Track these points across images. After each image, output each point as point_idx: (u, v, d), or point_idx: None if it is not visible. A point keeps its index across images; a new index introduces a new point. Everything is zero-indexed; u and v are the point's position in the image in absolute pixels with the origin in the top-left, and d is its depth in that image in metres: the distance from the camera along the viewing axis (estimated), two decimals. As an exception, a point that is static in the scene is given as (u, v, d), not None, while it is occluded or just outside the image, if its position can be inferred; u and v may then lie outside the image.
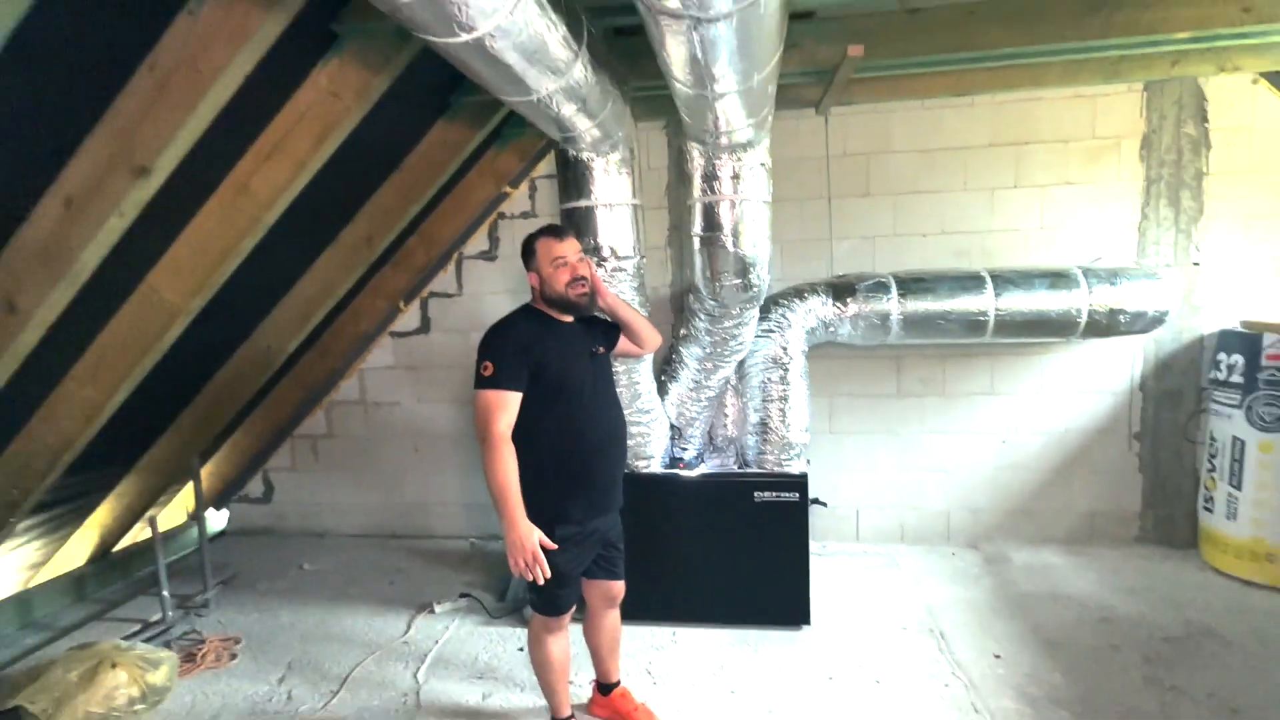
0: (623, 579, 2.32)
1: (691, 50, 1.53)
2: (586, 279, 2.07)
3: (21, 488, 2.69)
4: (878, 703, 2.50)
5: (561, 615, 2.16)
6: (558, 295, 2.05)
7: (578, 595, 2.19)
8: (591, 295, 2.11)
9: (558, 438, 2.02)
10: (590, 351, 2.14)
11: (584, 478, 2.07)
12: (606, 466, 2.13)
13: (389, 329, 4.21)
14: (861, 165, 3.66)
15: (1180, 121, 3.44)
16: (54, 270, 1.98)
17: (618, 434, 2.21)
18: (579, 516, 2.05)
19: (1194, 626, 2.93)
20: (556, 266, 2.04)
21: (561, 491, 2.03)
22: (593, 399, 2.08)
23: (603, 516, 2.15)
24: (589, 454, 2.07)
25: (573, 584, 2.13)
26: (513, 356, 1.94)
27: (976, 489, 3.81)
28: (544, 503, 1.99)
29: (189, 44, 1.81)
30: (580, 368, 2.07)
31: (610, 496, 2.18)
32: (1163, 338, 3.56)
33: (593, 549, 2.16)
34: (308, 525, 4.46)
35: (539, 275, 2.07)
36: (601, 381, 2.16)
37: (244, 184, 2.42)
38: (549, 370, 1.98)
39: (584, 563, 2.15)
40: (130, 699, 2.51)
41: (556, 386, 2.00)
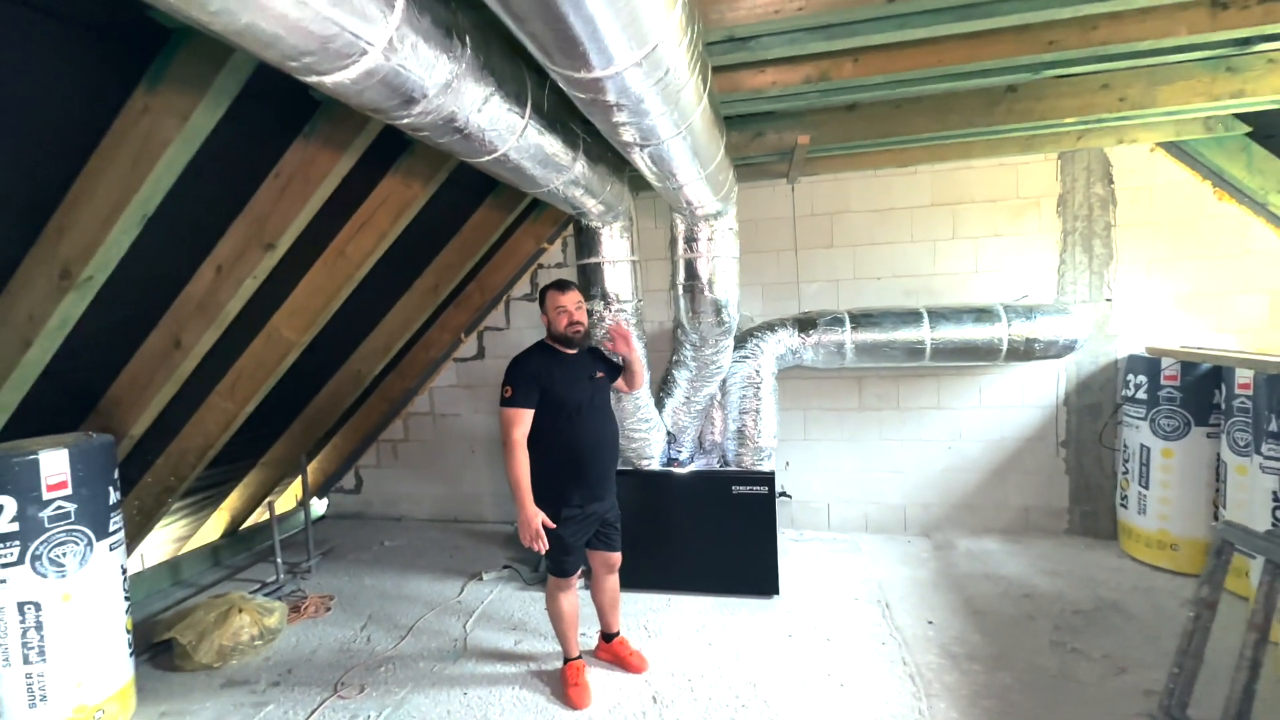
0: (619, 551, 2.57)
1: (649, 161, 1.83)
2: (581, 323, 2.35)
3: (178, 476, 3.09)
4: (825, 655, 2.68)
5: (568, 577, 2.43)
6: (558, 333, 2.35)
7: (581, 562, 2.46)
8: (586, 333, 2.39)
9: (561, 442, 2.32)
10: (589, 376, 2.41)
11: (581, 472, 2.34)
12: (600, 464, 2.39)
13: (453, 356, 4.56)
14: (826, 222, 3.90)
15: (1090, 183, 3.59)
16: (207, 317, 2.37)
17: (610, 440, 2.46)
18: (578, 501, 2.34)
19: (1103, 602, 3.02)
20: (558, 313, 2.34)
21: (565, 482, 2.33)
22: (589, 413, 2.36)
23: (598, 502, 2.41)
24: (586, 455, 2.34)
25: (576, 553, 2.41)
26: (525, 382, 2.26)
27: (927, 487, 3.94)
28: (552, 490, 2.29)
29: (302, 159, 2.20)
30: (580, 389, 2.35)
31: (603, 486, 2.43)
32: (1082, 360, 3.68)
33: (591, 526, 2.43)
34: (388, 511, 4.80)
35: (547, 317, 2.38)
36: (599, 400, 2.43)
37: (342, 249, 2.81)
38: (553, 392, 2.28)
39: (585, 537, 2.43)
40: (252, 636, 2.86)
41: (559, 404, 2.29)
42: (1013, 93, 2.84)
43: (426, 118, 1.37)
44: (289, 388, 3.57)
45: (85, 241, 1.74)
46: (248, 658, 2.83)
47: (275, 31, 0.95)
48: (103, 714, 2.32)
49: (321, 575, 3.76)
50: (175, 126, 1.64)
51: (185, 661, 2.73)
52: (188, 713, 2.48)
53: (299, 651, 2.90)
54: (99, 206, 1.72)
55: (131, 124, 1.67)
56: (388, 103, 1.26)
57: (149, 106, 1.66)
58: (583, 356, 2.45)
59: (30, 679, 2.16)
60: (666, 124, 1.51)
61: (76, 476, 2.25)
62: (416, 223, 2.94)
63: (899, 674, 2.52)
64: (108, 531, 2.36)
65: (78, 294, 1.80)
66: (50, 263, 1.78)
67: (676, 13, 1.15)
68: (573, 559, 2.40)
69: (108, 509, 2.37)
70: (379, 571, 3.78)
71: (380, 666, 2.74)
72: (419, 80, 1.23)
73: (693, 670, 2.61)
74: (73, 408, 2.50)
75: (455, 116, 1.42)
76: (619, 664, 2.63)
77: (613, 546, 2.54)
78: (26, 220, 1.77)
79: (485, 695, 2.51)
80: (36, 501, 2.15)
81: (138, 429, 2.56)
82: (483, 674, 2.66)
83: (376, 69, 1.13)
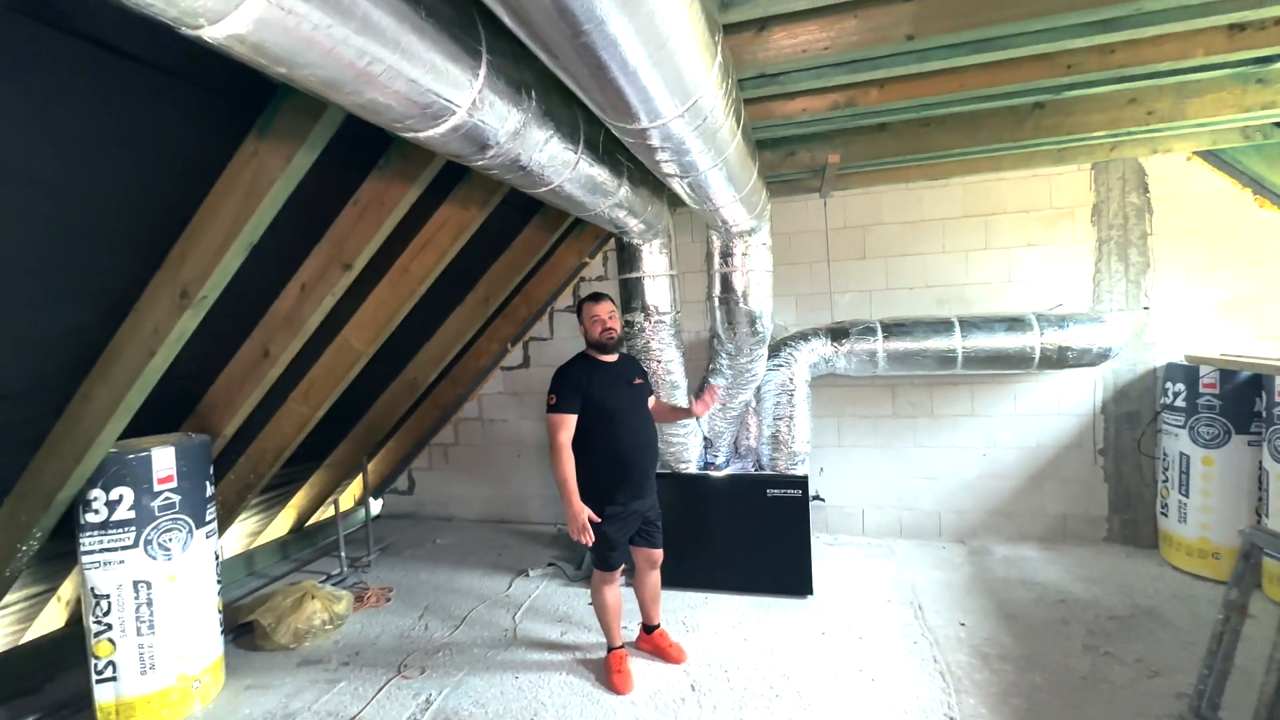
0: (660, 548, 2.74)
1: (688, 189, 2.02)
2: (614, 329, 2.56)
3: (257, 474, 3.40)
4: (857, 652, 2.80)
5: (613, 571, 2.62)
6: (594, 340, 2.57)
7: (625, 557, 2.64)
8: (619, 339, 2.59)
9: (604, 445, 2.52)
10: (628, 383, 2.61)
11: (623, 473, 2.53)
12: (640, 464, 2.57)
13: (500, 364, 4.82)
14: (859, 234, 4.02)
15: (1125, 193, 3.62)
16: (292, 329, 2.66)
17: (648, 442, 2.63)
18: (621, 500, 2.53)
19: (1139, 609, 3.05)
20: (593, 322, 2.57)
21: (608, 482, 2.53)
22: (629, 418, 2.55)
23: (639, 500, 2.59)
24: (626, 456, 2.53)
25: (620, 548, 2.60)
26: (568, 390, 2.49)
27: (962, 493, 3.99)
28: (597, 490, 2.51)
29: (377, 189, 2.47)
30: (618, 395, 2.55)
31: (644, 486, 2.60)
32: (1120, 368, 3.70)
33: (634, 523, 2.62)
34: (439, 511, 5.08)
35: (584, 326, 2.61)
36: (639, 406, 2.63)
37: (406, 267, 3.08)
38: (595, 398, 2.49)
39: (627, 533, 2.61)
40: (323, 621, 3.14)
41: (601, 410, 2.50)
42: (1040, 109, 2.93)
43: (496, 160, 1.59)
44: (352, 394, 3.87)
45: (203, 266, 2.03)
46: (319, 640, 3.10)
47: (388, 103, 1.18)
48: (199, 683, 2.61)
49: (380, 569, 4.05)
50: (280, 167, 1.92)
51: (265, 642, 3.02)
52: (270, 686, 2.76)
53: (364, 636, 3.16)
54: (214, 235, 2.00)
55: (243, 165, 1.96)
56: (466, 150, 1.49)
57: (258, 150, 1.94)
58: (622, 364, 2.65)
59: (142, 649, 2.46)
60: (705, 158, 1.70)
61: (180, 471, 2.56)
62: (469, 242, 3.19)
63: (929, 671, 2.62)
64: (204, 521, 2.67)
65: (194, 311, 2.09)
66: (173, 284, 2.07)
67: (715, 70, 1.34)
68: (617, 554, 2.59)
69: (204, 500, 2.68)
70: (433, 567, 4.05)
71: (438, 652, 2.97)
72: (494, 130, 1.45)
73: (729, 662, 2.76)
74: (175, 410, 2.82)
75: (520, 158, 1.65)
76: (659, 654, 2.81)
77: (654, 543, 2.72)
78: (154, 247, 2.08)
79: (535, 679, 2.71)
80: (149, 493, 2.47)
81: (230, 429, 2.86)
82: (532, 661, 2.86)
83: (461, 124, 1.36)
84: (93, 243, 1.96)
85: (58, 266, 1.93)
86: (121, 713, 2.44)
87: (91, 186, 1.84)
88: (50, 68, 1.57)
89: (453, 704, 2.56)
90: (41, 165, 1.71)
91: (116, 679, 2.44)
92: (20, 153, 1.65)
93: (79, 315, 2.10)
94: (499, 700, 2.58)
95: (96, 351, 2.20)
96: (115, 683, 2.44)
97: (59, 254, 1.91)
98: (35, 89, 1.57)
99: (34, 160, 1.68)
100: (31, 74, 1.55)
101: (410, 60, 1.12)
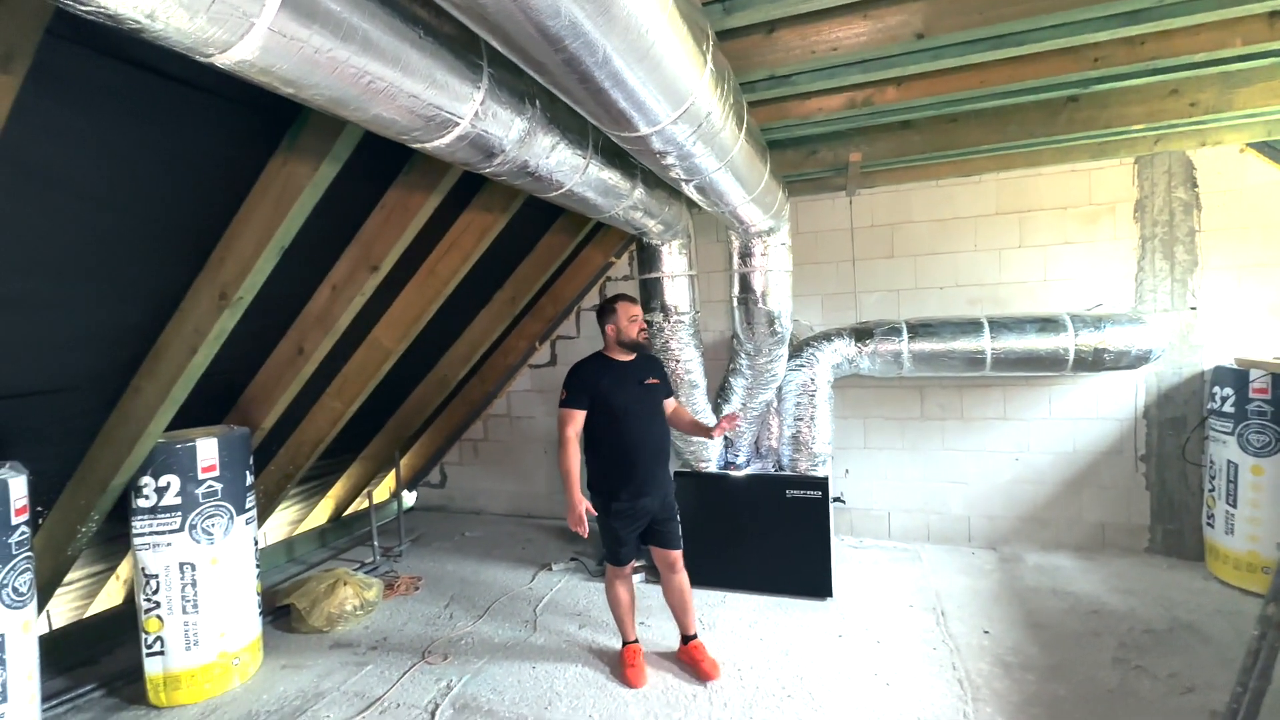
0: (677, 549, 2.66)
1: (698, 192, 2.05)
2: (647, 329, 2.59)
3: (295, 465, 3.59)
4: (874, 656, 2.78)
5: (621, 566, 2.65)
6: (628, 340, 2.59)
7: (635, 553, 2.66)
8: (651, 339, 2.62)
9: (610, 441, 2.56)
10: (639, 381, 2.61)
11: (628, 470, 2.56)
12: (645, 462, 2.55)
13: (528, 362, 4.93)
14: (886, 233, 3.95)
15: (1171, 188, 3.46)
16: (324, 328, 2.80)
17: (655, 441, 2.60)
18: (626, 497, 2.56)
19: (1178, 623, 2.92)
20: (631, 321, 2.59)
21: (614, 478, 2.57)
22: (636, 416, 2.56)
23: (645, 499, 2.56)
24: (631, 453, 2.55)
25: (627, 544, 2.61)
26: (578, 387, 2.55)
27: (993, 499, 3.89)
28: (604, 485, 2.57)
29: (401, 195, 2.58)
30: (626, 393, 2.56)
31: (650, 484, 2.56)
32: (1164, 372, 3.54)
33: (641, 520, 2.61)
34: (469, 505, 5.23)
35: (616, 326, 2.61)
36: (648, 403, 2.61)
37: (433, 269, 3.20)
38: (604, 396, 2.54)
39: (635, 529, 2.61)
40: (354, 606, 3.29)
41: (609, 407, 2.54)
42: (1074, 102, 2.84)
43: (505, 166, 1.66)
44: (385, 390, 4.03)
45: (239, 268, 2.17)
46: (350, 625, 3.25)
47: (393, 117, 1.25)
48: (239, 661, 2.78)
49: (411, 559, 4.20)
50: (307, 176, 2.03)
51: (300, 624, 3.19)
52: (304, 666, 2.91)
53: (392, 623, 3.30)
54: (249, 241, 2.14)
55: (275, 175, 2.08)
56: (474, 158, 1.56)
57: (287, 162, 2.06)
58: (638, 363, 2.66)
59: (187, 627, 2.64)
60: (709, 161, 1.72)
61: (223, 461, 2.72)
62: (495, 243, 3.29)
63: (947, 678, 2.58)
64: (244, 508, 2.83)
65: (231, 311, 2.24)
66: (212, 285, 2.22)
67: (706, 75, 1.37)
68: (625, 550, 2.62)
69: (244, 489, 2.84)
70: (460, 558, 4.18)
71: (461, 640, 3.08)
72: (499, 138, 1.51)
73: (743, 661, 2.78)
74: (217, 404, 3.01)
75: (528, 164, 1.71)
76: (692, 667, 2.69)
77: (668, 544, 2.67)
78: (195, 252, 2.23)
79: (551, 670, 2.78)
80: (193, 480, 2.64)
81: (268, 422, 3.03)
82: (550, 652, 2.94)
83: (466, 134, 1.42)
84: (141, 248, 2.12)
85: (110, 270, 2.09)
86: (169, 684, 2.62)
87: (139, 197, 1.99)
88: (101, 90, 1.71)
89: (472, 690, 2.66)
90: (95, 179, 1.86)
91: (164, 653, 2.62)
92: (77, 168, 1.80)
93: (130, 315, 2.27)
94: (516, 688, 2.66)
95: (146, 348, 2.37)
96: (163, 656, 2.62)
97: (111, 259, 2.07)
98: (89, 109, 1.71)
99: (88, 175, 1.84)
100: (85, 96, 1.69)
101: (411, 76, 1.19)
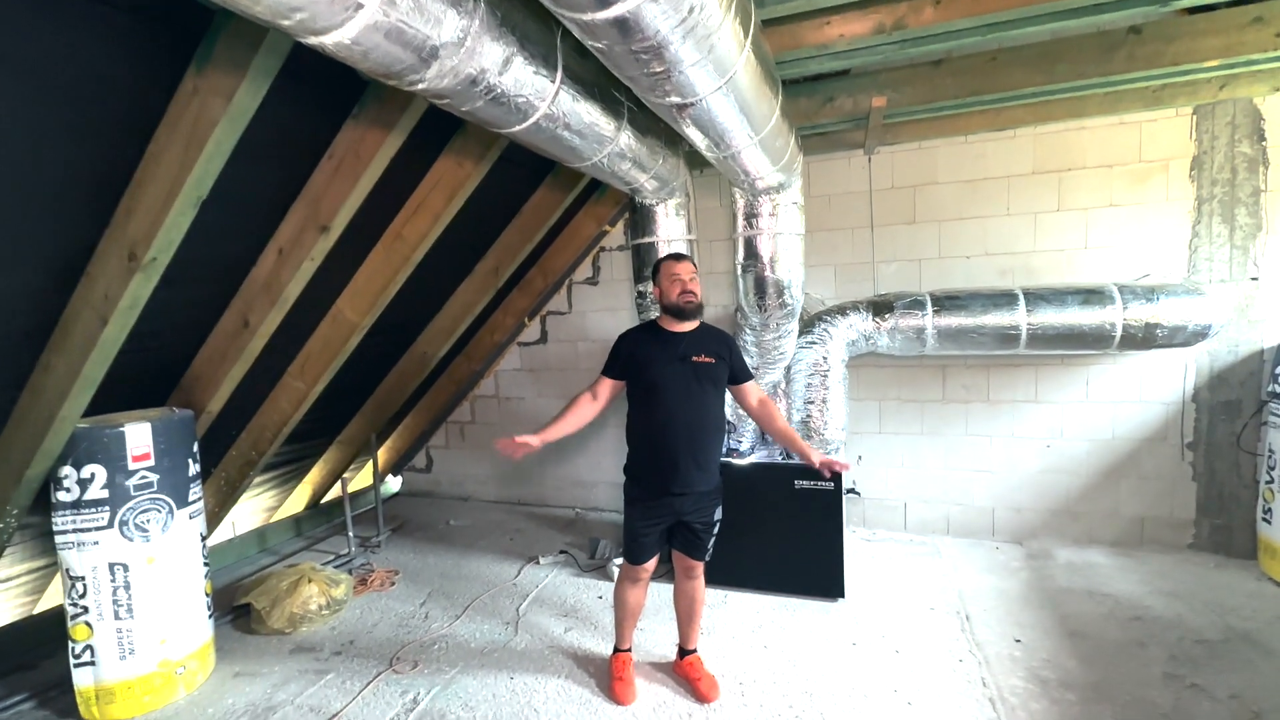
0: (699, 560, 2.33)
1: (696, 127, 1.68)
2: (694, 293, 2.20)
3: (258, 450, 3.27)
4: (892, 668, 2.46)
5: (636, 565, 2.30)
6: (670, 303, 2.22)
7: (652, 554, 2.29)
8: (699, 306, 2.22)
9: (640, 422, 2.25)
10: (682, 357, 2.18)
11: (652, 458, 2.22)
12: (677, 455, 2.16)
13: (517, 340, 4.59)
14: (908, 196, 3.56)
15: (1234, 141, 3.05)
16: (271, 298, 2.46)
17: (698, 432, 2.20)
18: (644, 485, 2.24)
19: (1234, 632, 2.60)
20: (672, 281, 2.22)
21: (639, 465, 2.27)
22: (669, 395, 2.17)
23: (670, 496, 2.20)
24: (655, 438, 2.19)
25: (643, 540, 2.26)
26: (613, 354, 2.30)
27: (1020, 489, 3.55)
28: (630, 469, 2.30)
29: (352, 139, 2.21)
30: (663, 368, 2.18)
31: (680, 480, 2.18)
32: (1218, 350, 3.17)
33: (663, 518, 2.25)
34: (456, 490, 4.94)
35: (660, 289, 2.26)
36: (692, 386, 2.19)
37: (399, 232, 2.84)
38: (639, 370, 2.22)
39: (655, 526, 2.25)
40: (319, 605, 2.99)
41: (644, 383, 2.22)
42: (1136, 34, 2.43)
43: (445, 81, 1.29)
44: (360, 369, 3.70)
45: (148, 224, 1.82)
46: (315, 625, 2.96)
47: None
48: (184, 669, 2.48)
49: (390, 550, 3.91)
50: (221, 107, 1.67)
51: (260, 625, 2.90)
52: (258, 674, 2.63)
53: (362, 623, 3.01)
54: (159, 189, 1.79)
55: (184, 106, 1.72)
56: (400, 64, 1.19)
57: (198, 88, 1.69)
58: (693, 336, 2.24)
59: (120, 633, 2.34)
60: (703, 77, 1.35)
61: (159, 449, 2.40)
62: (474, 205, 2.93)
63: (976, 696, 2.27)
64: (187, 501, 2.52)
65: (144, 275, 1.90)
66: (120, 244, 1.88)
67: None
68: (639, 545, 2.27)
69: (187, 480, 2.52)
70: (443, 550, 3.88)
71: (434, 644, 2.79)
72: (426, 36, 1.15)
73: (745, 673, 2.47)
74: (159, 383, 2.68)
75: (477, 80, 1.34)
76: (688, 685, 2.39)
77: (691, 551, 2.32)
78: (101, 204, 1.88)
79: (531, 682, 2.48)
80: (123, 471, 2.32)
81: (214, 405, 2.71)
82: (531, 659, 2.64)
83: (377, 24, 1.06)
84: (38, 200, 1.78)
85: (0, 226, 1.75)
86: (101, 697, 2.34)
87: (31, 137, 1.64)
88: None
89: (440, 705, 2.36)
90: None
91: (95, 663, 2.33)
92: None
93: (31, 279, 1.93)
94: (489, 703, 2.36)
95: (54, 318, 2.04)
96: (94, 667, 2.32)
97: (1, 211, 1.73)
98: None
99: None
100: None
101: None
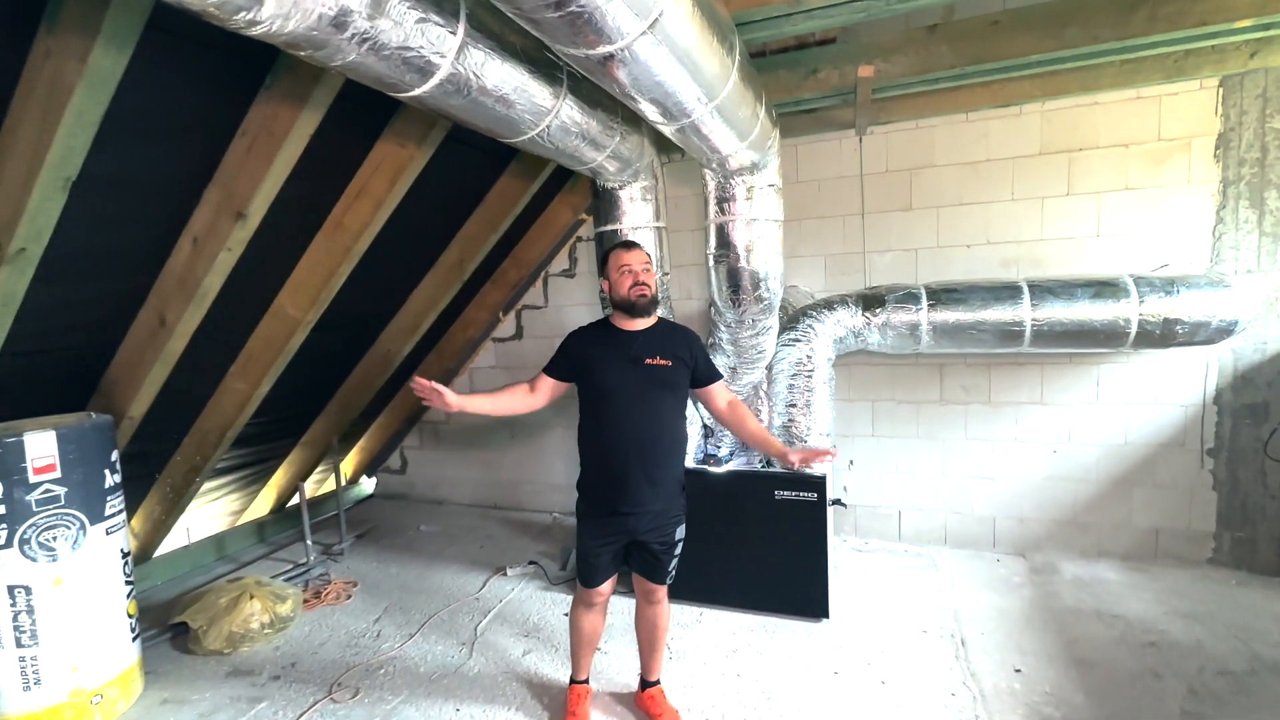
0: (661, 584, 2.09)
1: (630, 87, 1.41)
2: (647, 285, 1.95)
3: (202, 455, 3.05)
4: (877, 703, 2.21)
5: (589, 589, 2.05)
6: (620, 298, 1.97)
7: (605, 576, 2.04)
8: (653, 300, 1.97)
9: (588, 431, 2.02)
10: (635, 360, 1.94)
11: (602, 469, 1.98)
12: (624, 467, 1.93)
13: (491, 336, 4.34)
14: (903, 180, 3.27)
15: (1265, 117, 2.74)
16: (187, 293, 2.22)
17: (645, 443, 1.95)
18: (593, 498, 2.02)
19: (1260, 661, 2.33)
20: (621, 273, 1.96)
21: (585, 475, 2.05)
22: (624, 405, 1.94)
23: (625, 517, 1.97)
24: (604, 450, 1.96)
25: (594, 562, 2.01)
26: (560, 350, 2.07)
27: (1024, 497, 3.28)
28: (580, 483, 2.07)
29: (265, 115, 1.95)
30: (614, 371, 1.95)
31: (632, 499, 1.94)
32: (1242, 348, 2.88)
33: (614, 538, 2.00)
34: (431, 494, 4.70)
35: (609, 281, 2.01)
36: (647, 392, 1.95)
37: (339, 221, 2.59)
38: (591, 372, 1.98)
39: (606, 546, 2.01)
40: (262, 624, 2.77)
41: (593, 388, 1.99)
42: (1158, -9, 2.14)
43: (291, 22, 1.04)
44: (319, 368, 3.48)
45: (11, 209, 1.58)
46: (258, 645, 2.74)
47: None
48: (101, 698, 2.27)
49: (352, 559, 3.69)
50: (76, 71, 1.42)
51: (196, 646, 2.68)
52: (186, 701, 2.41)
53: (308, 642, 2.79)
54: (17, 169, 1.54)
55: (37, 73, 1.47)
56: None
57: (51, 51, 1.44)
58: (648, 336, 2.00)
59: (24, 662, 2.12)
60: (623, 11, 1.08)
61: (66, 459, 2.17)
62: (429, 192, 2.69)
63: (970, 740, 2.02)
64: (103, 515, 2.29)
65: (14, 268, 1.66)
66: (-17, 235, 1.64)
67: None
68: (589, 567, 2.02)
69: (103, 492, 2.30)
70: (408, 559, 3.66)
71: (381, 668, 2.56)
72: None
73: (713, 707, 2.23)
74: (77, 387, 2.46)
75: (341, 22, 1.08)
76: None
77: (650, 575, 2.08)
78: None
79: (478, 714, 2.25)
80: (23, 484, 2.09)
81: (137, 410, 2.48)
82: (483, 687, 2.41)
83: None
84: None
85: None
86: (4, 732, 2.13)
87: None
88: None
89: (375, 742, 2.14)
90: None
91: (-4, 695, 2.12)
92: None
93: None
94: (429, 741, 2.14)
95: (-75, 317, 1.81)
96: (-5, 699, 2.12)
97: None
98: None
99: None
100: None
101: None
